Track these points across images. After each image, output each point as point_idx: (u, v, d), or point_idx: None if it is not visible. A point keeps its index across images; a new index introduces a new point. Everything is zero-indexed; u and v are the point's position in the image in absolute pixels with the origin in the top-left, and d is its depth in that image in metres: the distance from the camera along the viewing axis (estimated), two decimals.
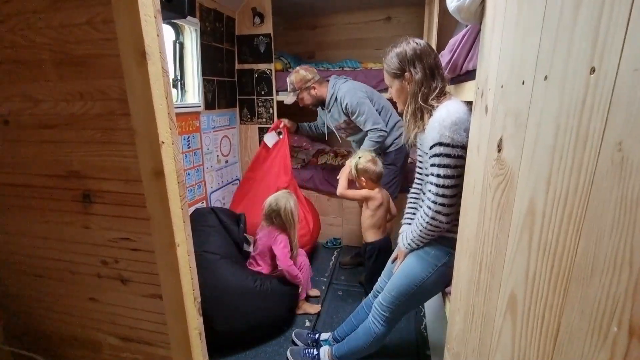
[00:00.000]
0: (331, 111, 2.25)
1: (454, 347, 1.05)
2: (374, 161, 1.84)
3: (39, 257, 1.21)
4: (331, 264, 2.58)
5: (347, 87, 2.13)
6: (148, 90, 0.80)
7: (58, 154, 1.06)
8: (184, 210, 0.94)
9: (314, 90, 2.23)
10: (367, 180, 1.84)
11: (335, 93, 2.18)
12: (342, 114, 2.19)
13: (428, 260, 1.28)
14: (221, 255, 1.79)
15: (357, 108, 2.07)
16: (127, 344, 1.21)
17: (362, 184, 1.85)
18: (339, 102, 2.16)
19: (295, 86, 2.22)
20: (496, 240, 0.67)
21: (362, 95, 2.11)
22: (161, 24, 0.82)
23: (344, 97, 2.10)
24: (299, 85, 2.22)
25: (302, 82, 2.21)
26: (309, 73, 2.22)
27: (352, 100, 2.07)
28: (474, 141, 0.93)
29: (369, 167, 1.81)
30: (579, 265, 0.37)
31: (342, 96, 2.12)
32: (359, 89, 2.16)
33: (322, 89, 2.23)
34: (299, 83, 2.21)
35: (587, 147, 0.37)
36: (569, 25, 0.41)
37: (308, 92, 2.24)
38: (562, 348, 0.40)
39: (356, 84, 2.21)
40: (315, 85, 2.22)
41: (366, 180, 1.84)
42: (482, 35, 0.91)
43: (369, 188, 1.86)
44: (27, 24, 0.95)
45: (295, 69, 2.29)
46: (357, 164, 1.83)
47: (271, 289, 1.80)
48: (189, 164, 2.27)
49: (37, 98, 1.02)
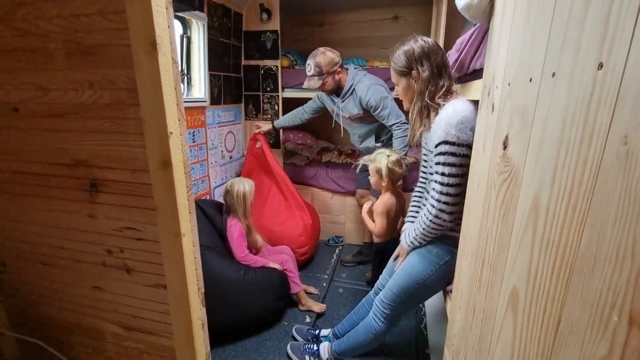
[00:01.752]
0: (345, 101, 2.14)
1: (454, 344, 1.05)
2: (399, 163, 1.79)
3: (45, 245, 1.23)
4: (333, 262, 2.59)
5: (369, 81, 2.07)
6: (158, 81, 0.81)
7: (66, 142, 1.07)
8: (189, 200, 0.95)
9: (337, 75, 2.09)
10: (388, 180, 1.78)
11: (354, 85, 2.08)
12: (359, 107, 2.11)
13: (430, 259, 1.28)
14: (206, 247, 1.79)
15: (380, 103, 2.01)
16: (130, 333, 1.22)
17: (383, 183, 1.79)
18: (357, 95, 2.08)
19: (323, 69, 2.04)
20: (499, 237, 0.67)
21: (383, 90, 2.07)
22: (172, 15, 0.82)
23: (365, 93, 2.03)
24: (327, 68, 2.04)
25: (330, 64, 2.04)
26: (335, 55, 2.07)
27: (376, 96, 2.02)
28: (480, 139, 0.93)
29: (396, 169, 1.76)
30: (581, 257, 0.38)
31: (363, 91, 2.04)
32: (380, 83, 2.11)
33: (344, 75, 2.12)
34: (327, 66, 2.04)
35: (592, 142, 0.37)
36: (578, 21, 0.42)
37: (332, 77, 2.08)
38: (563, 340, 0.40)
39: (375, 78, 2.14)
40: (340, 70, 2.09)
41: (387, 181, 1.78)
42: (490, 33, 0.91)
43: (387, 188, 1.80)
44: (39, 12, 0.96)
45: (319, 49, 2.09)
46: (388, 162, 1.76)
47: (256, 278, 1.81)
48: (194, 158, 2.29)
49: (47, 87, 1.04)
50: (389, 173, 1.75)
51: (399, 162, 1.79)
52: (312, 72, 2.07)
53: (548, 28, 0.50)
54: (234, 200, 1.93)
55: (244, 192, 1.93)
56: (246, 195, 1.93)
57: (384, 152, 1.80)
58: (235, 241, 1.89)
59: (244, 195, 1.92)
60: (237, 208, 1.93)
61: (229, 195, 1.95)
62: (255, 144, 2.59)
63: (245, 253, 1.89)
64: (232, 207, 1.95)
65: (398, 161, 1.78)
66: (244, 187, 1.94)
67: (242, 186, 1.94)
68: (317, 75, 2.06)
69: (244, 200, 1.93)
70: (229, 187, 1.96)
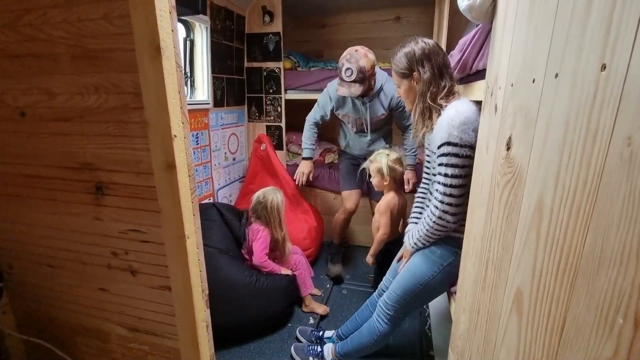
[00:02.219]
0: (373, 102, 1.98)
1: (459, 345, 1.05)
2: (399, 161, 1.77)
3: (52, 247, 1.24)
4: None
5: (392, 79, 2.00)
6: (162, 84, 0.82)
7: (72, 146, 1.08)
8: (193, 203, 0.96)
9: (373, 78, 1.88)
10: (390, 179, 1.76)
11: (383, 84, 1.96)
12: (385, 107, 2.00)
13: (434, 260, 1.28)
14: (220, 249, 1.81)
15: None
16: (135, 334, 1.23)
17: (385, 183, 1.77)
18: (386, 94, 1.97)
19: (366, 74, 1.80)
20: (503, 238, 0.67)
21: None
22: (176, 19, 0.83)
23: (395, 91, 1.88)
24: (370, 72, 1.82)
25: (372, 68, 1.83)
26: (374, 56, 1.87)
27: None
28: (483, 140, 0.93)
29: (397, 168, 1.75)
30: (586, 259, 0.38)
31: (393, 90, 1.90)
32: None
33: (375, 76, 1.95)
34: (370, 70, 1.82)
35: (596, 143, 0.37)
36: (581, 22, 0.42)
37: (371, 80, 1.87)
38: (568, 342, 0.40)
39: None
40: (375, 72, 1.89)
41: (389, 180, 1.76)
42: (492, 34, 0.91)
43: (389, 188, 1.79)
44: (46, 18, 0.97)
45: (359, 51, 1.81)
46: (388, 161, 1.73)
47: (267, 284, 1.81)
48: (197, 160, 2.30)
49: (53, 91, 1.05)
50: (390, 171, 1.74)
51: (399, 160, 1.79)
52: (354, 77, 1.79)
53: (551, 29, 0.50)
54: (267, 212, 1.91)
55: (278, 204, 1.92)
56: (280, 207, 1.93)
57: (384, 152, 1.79)
58: (259, 245, 1.88)
59: (277, 208, 1.92)
60: (271, 220, 1.91)
61: (262, 206, 1.92)
62: (260, 146, 2.60)
63: (264, 259, 1.88)
64: (263, 218, 1.93)
65: (398, 159, 1.78)
66: (277, 198, 1.92)
67: (275, 198, 1.92)
68: (360, 81, 1.80)
69: (278, 213, 1.92)
70: (261, 198, 1.93)
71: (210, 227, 1.89)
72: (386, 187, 1.79)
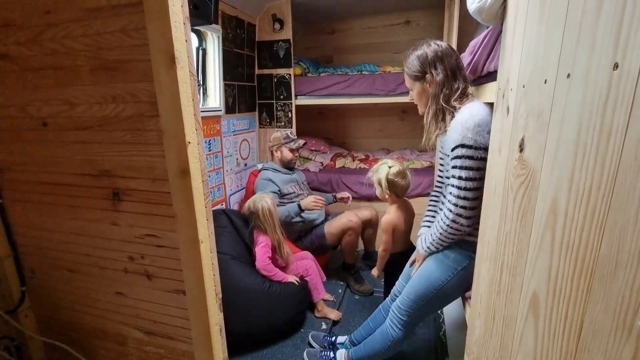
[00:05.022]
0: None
1: (474, 352, 1.03)
2: (402, 174, 1.65)
3: (71, 252, 1.28)
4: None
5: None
6: (176, 93, 0.84)
7: (90, 154, 1.12)
8: (207, 208, 0.98)
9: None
10: (390, 193, 1.67)
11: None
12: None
13: (447, 264, 1.26)
14: (232, 256, 1.82)
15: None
16: (150, 337, 1.25)
17: (385, 196, 1.69)
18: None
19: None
20: (518, 241, 0.66)
21: None
22: (189, 30, 0.86)
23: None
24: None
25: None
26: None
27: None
28: (495, 142, 0.92)
29: (397, 181, 1.64)
30: (602, 261, 0.37)
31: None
32: None
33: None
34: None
35: (610, 143, 0.37)
36: (592, 21, 0.41)
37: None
38: (586, 345, 0.39)
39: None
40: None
41: (390, 193, 1.67)
42: (503, 36, 0.90)
43: (392, 201, 1.71)
44: (67, 32, 1.02)
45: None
46: (388, 174, 1.64)
47: (280, 290, 1.82)
48: (210, 166, 2.34)
49: (73, 101, 1.09)
50: (390, 186, 1.64)
51: (402, 172, 1.66)
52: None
53: (562, 28, 0.50)
54: (260, 219, 1.93)
55: (269, 208, 1.93)
56: (271, 210, 1.94)
57: (387, 163, 1.68)
58: (260, 249, 1.90)
59: (269, 212, 1.93)
60: (265, 226, 1.93)
61: (255, 216, 1.95)
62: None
63: (266, 262, 1.89)
64: (259, 226, 1.95)
65: (400, 172, 1.65)
66: (267, 203, 1.94)
67: (265, 203, 1.94)
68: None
69: (270, 217, 1.93)
70: (252, 208, 1.95)
71: (221, 233, 1.91)
72: (388, 200, 1.72)
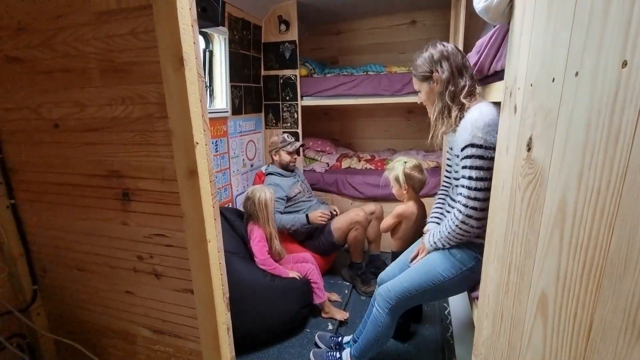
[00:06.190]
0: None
1: (482, 353, 1.02)
2: (418, 168, 1.71)
3: (82, 251, 1.30)
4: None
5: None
6: (184, 94, 0.85)
7: (101, 154, 1.14)
8: (214, 208, 0.99)
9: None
10: (408, 187, 1.71)
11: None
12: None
13: (453, 262, 1.26)
14: (231, 252, 1.82)
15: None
16: (159, 336, 1.27)
17: (404, 192, 1.73)
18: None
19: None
20: (526, 240, 0.66)
21: None
22: (197, 32, 0.87)
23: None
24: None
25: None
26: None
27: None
28: (503, 141, 0.91)
29: (414, 175, 1.70)
30: (611, 261, 0.37)
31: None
32: None
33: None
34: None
35: (619, 142, 0.36)
36: (600, 18, 0.41)
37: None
38: (595, 346, 0.39)
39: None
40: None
41: (408, 188, 1.72)
42: (510, 34, 0.90)
43: (409, 197, 1.74)
44: (77, 35, 1.04)
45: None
46: (405, 168, 1.70)
47: (282, 284, 1.82)
48: (217, 167, 2.36)
49: (83, 103, 1.11)
50: (408, 179, 1.70)
51: (418, 167, 1.73)
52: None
53: (569, 26, 0.49)
54: (255, 207, 1.95)
55: (266, 199, 1.94)
56: (267, 202, 1.95)
57: (401, 160, 1.75)
58: (257, 244, 1.91)
59: (265, 203, 1.94)
60: (259, 215, 1.94)
61: (250, 202, 1.97)
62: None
63: (265, 256, 1.90)
64: (253, 214, 1.97)
65: (417, 166, 1.72)
66: (265, 194, 1.96)
67: (263, 194, 1.96)
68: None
69: (265, 208, 1.94)
70: (250, 194, 1.98)
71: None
72: (406, 196, 1.75)
